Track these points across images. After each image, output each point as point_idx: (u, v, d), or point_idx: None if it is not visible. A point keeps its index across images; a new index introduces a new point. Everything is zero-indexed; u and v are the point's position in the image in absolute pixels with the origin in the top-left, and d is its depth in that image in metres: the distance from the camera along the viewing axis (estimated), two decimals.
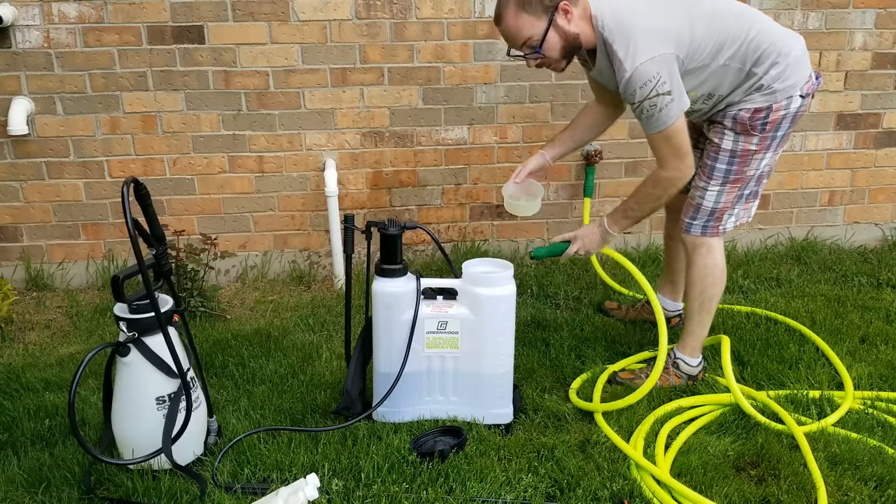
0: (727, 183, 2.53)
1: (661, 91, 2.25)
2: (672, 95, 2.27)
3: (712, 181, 2.53)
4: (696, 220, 2.59)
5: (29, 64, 3.47)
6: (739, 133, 2.47)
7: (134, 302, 2.13)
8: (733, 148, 2.49)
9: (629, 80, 2.26)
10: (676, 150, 2.34)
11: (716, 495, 2.12)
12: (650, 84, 2.25)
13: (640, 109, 2.30)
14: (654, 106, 2.27)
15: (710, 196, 2.55)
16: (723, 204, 2.55)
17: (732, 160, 2.50)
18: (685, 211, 2.62)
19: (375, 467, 2.21)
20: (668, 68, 2.27)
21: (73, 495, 2.14)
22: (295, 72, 3.62)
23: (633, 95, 2.28)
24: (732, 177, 2.52)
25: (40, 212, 3.69)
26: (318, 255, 3.91)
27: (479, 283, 2.38)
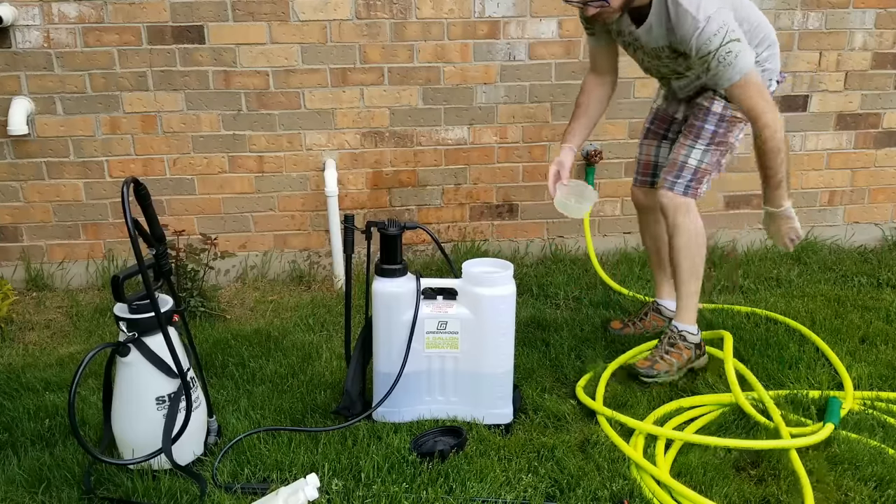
0: (712, 144, 2.65)
1: (732, 37, 2.32)
2: (742, 42, 2.34)
3: (699, 140, 2.65)
4: (679, 178, 2.66)
5: (29, 64, 3.47)
6: (729, 101, 2.58)
7: (134, 302, 2.13)
8: (722, 112, 2.63)
9: (703, 30, 2.32)
10: (761, 91, 2.40)
11: (716, 495, 2.12)
12: (722, 31, 2.31)
13: (717, 59, 2.34)
14: (731, 52, 2.32)
15: (696, 154, 2.65)
16: (706, 164, 2.65)
17: (721, 123, 2.64)
18: (668, 170, 2.70)
19: (375, 467, 2.21)
20: (731, 18, 2.36)
21: (73, 495, 2.14)
22: (295, 72, 3.62)
23: (709, 44, 2.32)
24: (718, 139, 2.65)
25: (40, 212, 3.69)
26: (318, 255, 3.91)
27: (479, 283, 2.38)
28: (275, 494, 2.05)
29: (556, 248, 4.04)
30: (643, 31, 2.50)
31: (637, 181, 3.02)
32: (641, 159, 3.00)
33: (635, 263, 3.86)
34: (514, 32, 3.69)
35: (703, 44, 2.35)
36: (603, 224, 4.06)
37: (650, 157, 2.96)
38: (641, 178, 3.00)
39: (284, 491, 2.05)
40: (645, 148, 2.98)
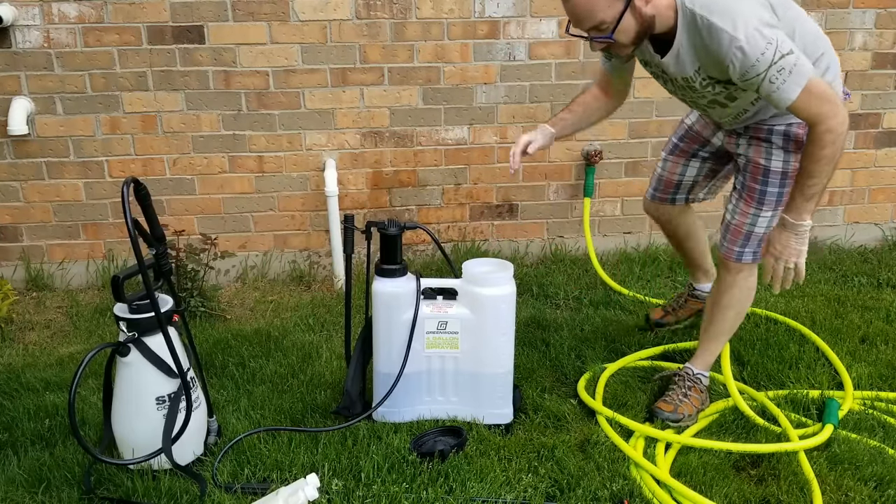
0: (779, 206, 2.31)
1: (783, 52, 1.97)
2: (795, 53, 1.99)
3: (764, 207, 2.34)
4: (747, 247, 2.41)
5: (29, 64, 3.47)
6: (791, 151, 2.26)
7: (134, 302, 2.13)
8: (784, 169, 2.28)
9: (745, 51, 1.96)
10: (825, 97, 2.02)
11: (716, 495, 2.12)
12: (770, 48, 1.96)
13: (768, 80, 1.99)
14: (783, 70, 1.97)
15: (762, 222, 2.36)
16: (772, 226, 2.32)
17: (784, 181, 2.29)
18: (731, 238, 2.43)
19: (375, 467, 2.21)
20: (778, 30, 2.02)
21: (73, 495, 2.14)
22: (295, 72, 3.62)
23: (756, 67, 1.97)
24: (785, 199, 2.26)
25: (40, 212, 3.69)
26: (318, 255, 3.91)
27: (479, 283, 2.38)
28: (275, 494, 2.05)
29: (556, 248, 4.04)
30: (670, 59, 2.16)
31: (654, 196, 2.78)
32: (663, 176, 2.73)
33: (635, 263, 3.86)
34: (514, 32, 3.69)
35: (747, 68, 1.98)
36: (603, 224, 4.06)
37: (674, 176, 2.70)
38: (660, 195, 2.76)
39: (284, 491, 2.05)
40: (669, 164, 2.70)
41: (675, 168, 2.69)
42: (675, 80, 2.24)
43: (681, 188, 2.72)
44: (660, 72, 2.28)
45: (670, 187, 2.73)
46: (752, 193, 2.35)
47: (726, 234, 2.44)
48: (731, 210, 2.43)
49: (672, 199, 2.75)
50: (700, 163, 2.65)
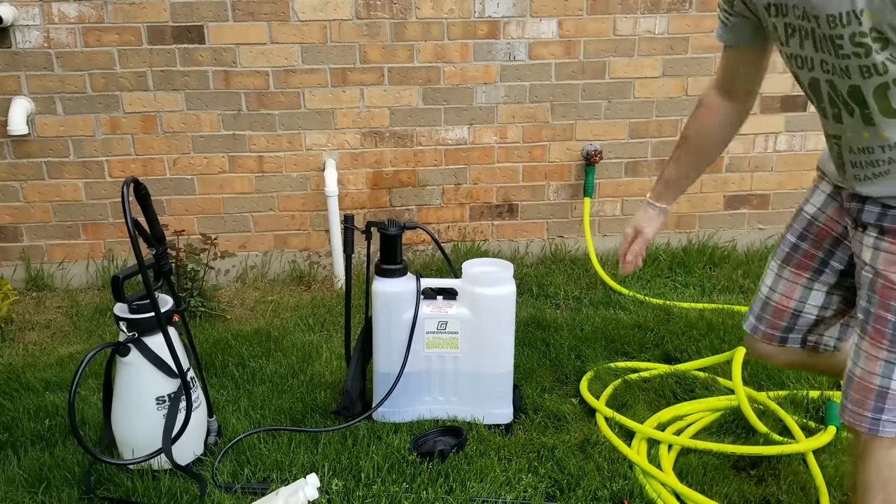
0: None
1: None
2: None
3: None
4: (884, 413, 1.53)
5: (29, 64, 3.47)
6: None
7: (134, 302, 2.13)
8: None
9: None
10: None
11: (716, 495, 2.12)
12: None
13: None
14: None
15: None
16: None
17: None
18: (854, 398, 1.57)
19: (375, 467, 2.21)
20: None
21: (73, 495, 2.14)
22: (295, 72, 3.62)
23: None
24: None
25: (40, 212, 3.69)
26: (318, 255, 3.91)
27: (479, 283, 2.38)
28: (275, 494, 2.05)
29: (556, 248, 4.04)
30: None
31: (756, 329, 1.85)
32: (772, 300, 1.79)
33: None
34: (514, 32, 3.69)
35: None
36: (603, 224, 4.06)
37: (788, 303, 1.75)
38: (767, 329, 1.82)
39: (284, 491, 2.05)
40: (783, 284, 1.77)
41: (791, 290, 1.74)
42: (816, 25, 1.37)
43: (799, 323, 1.76)
44: (795, 15, 1.41)
45: (782, 318, 1.78)
46: (882, 327, 1.50)
47: (849, 391, 1.59)
48: (853, 354, 1.57)
49: (783, 339, 1.81)
50: (831, 286, 1.70)
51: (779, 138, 3.97)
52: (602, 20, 3.70)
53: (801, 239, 1.73)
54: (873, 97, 1.36)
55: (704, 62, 3.81)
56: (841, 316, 1.74)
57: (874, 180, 1.46)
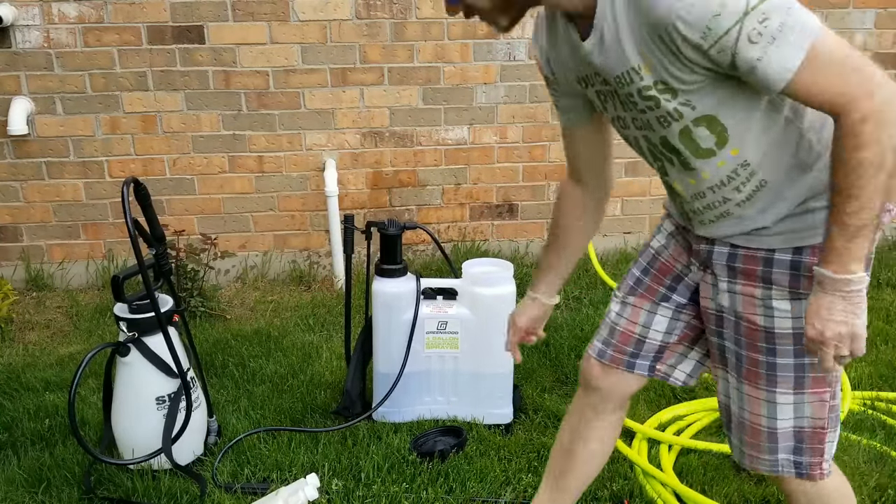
0: (805, 386, 1.42)
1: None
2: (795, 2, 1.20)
3: (780, 386, 1.44)
4: (772, 454, 1.49)
5: (29, 64, 3.47)
6: (802, 294, 1.37)
7: (134, 302, 2.13)
8: (797, 327, 1.38)
9: (694, 4, 1.18)
10: (849, 64, 1.20)
11: (716, 495, 2.12)
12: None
13: (746, 39, 1.18)
14: (769, 20, 1.17)
15: (784, 413, 1.45)
16: (812, 419, 1.44)
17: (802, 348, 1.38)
18: (750, 443, 1.52)
19: (375, 467, 2.21)
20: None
21: (73, 495, 2.14)
22: (295, 72, 3.62)
23: (720, 20, 1.17)
24: (810, 374, 1.41)
25: (40, 212, 3.69)
26: (318, 255, 3.91)
27: (479, 283, 2.38)
28: (274, 494, 2.05)
29: None
30: (593, 45, 1.35)
31: (599, 351, 1.73)
32: (618, 325, 1.70)
33: None
34: (514, 32, 3.68)
35: (706, 22, 1.18)
36: (603, 224, 4.04)
37: (633, 328, 1.68)
38: (613, 352, 1.70)
39: (284, 491, 2.05)
40: (629, 310, 1.69)
41: (636, 315, 1.68)
42: (614, 87, 1.39)
43: (645, 348, 1.68)
44: (592, 76, 1.43)
45: (627, 342, 1.69)
46: (755, 368, 1.45)
47: (742, 436, 1.53)
48: (734, 396, 1.52)
49: (630, 364, 1.69)
50: (672, 312, 1.64)
51: None
52: None
53: (644, 273, 1.69)
54: (681, 142, 1.37)
55: None
56: (682, 345, 1.67)
57: (717, 222, 1.45)
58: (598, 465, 1.82)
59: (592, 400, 1.75)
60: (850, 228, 1.23)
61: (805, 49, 1.18)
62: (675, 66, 1.26)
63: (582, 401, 1.78)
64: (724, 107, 1.30)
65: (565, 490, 1.82)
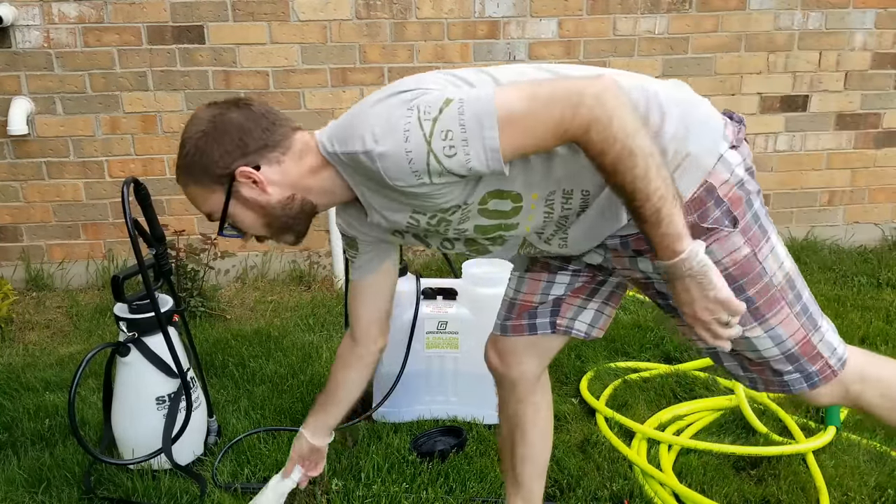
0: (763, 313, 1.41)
1: (432, 107, 1.23)
2: (456, 96, 1.23)
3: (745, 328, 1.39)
4: (787, 375, 1.48)
5: (29, 64, 3.47)
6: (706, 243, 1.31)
7: (134, 302, 2.13)
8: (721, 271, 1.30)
9: (386, 150, 1.23)
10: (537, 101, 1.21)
11: (716, 495, 2.12)
12: (409, 117, 1.23)
13: (445, 156, 1.22)
14: (449, 131, 1.21)
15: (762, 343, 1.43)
16: (792, 338, 1.43)
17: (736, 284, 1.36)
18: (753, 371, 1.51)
19: (375, 467, 2.21)
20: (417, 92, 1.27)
21: (73, 495, 2.14)
22: (295, 72, 3.62)
23: (414, 160, 1.23)
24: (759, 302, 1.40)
25: (40, 212, 3.69)
26: (318, 255, 3.91)
27: (480, 283, 2.38)
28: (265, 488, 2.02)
29: None
30: (374, 218, 1.45)
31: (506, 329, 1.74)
32: (517, 300, 1.71)
33: None
34: (514, 32, 3.69)
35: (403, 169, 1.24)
36: None
37: (533, 298, 1.68)
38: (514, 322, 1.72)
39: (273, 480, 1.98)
40: (526, 283, 1.69)
41: (534, 288, 1.68)
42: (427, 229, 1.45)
43: (541, 309, 1.68)
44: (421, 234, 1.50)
45: (527, 310, 1.69)
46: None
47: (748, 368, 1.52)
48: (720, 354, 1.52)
49: (532, 327, 1.69)
50: (570, 277, 1.64)
51: (779, 138, 3.98)
52: (602, 20, 3.70)
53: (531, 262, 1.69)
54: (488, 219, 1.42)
55: (704, 62, 3.82)
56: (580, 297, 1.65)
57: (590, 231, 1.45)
58: (544, 446, 1.86)
59: (507, 389, 1.80)
60: (651, 218, 1.23)
61: (494, 125, 1.19)
62: (429, 201, 1.32)
63: (501, 394, 1.83)
64: (500, 181, 1.33)
65: (523, 483, 1.86)
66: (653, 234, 1.24)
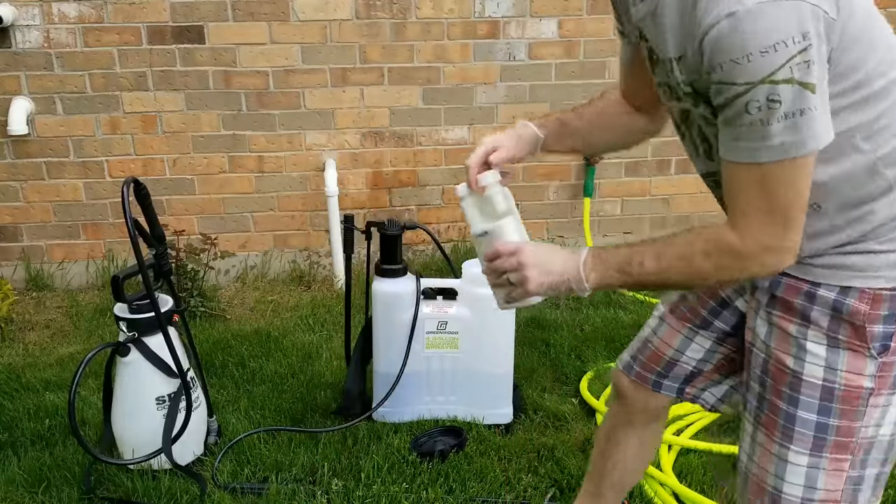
0: (824, 449, 1.24)
1: (801, 77, 1.01)
2: (817, 92, 1.03)
3: (795, 444, 1.25)
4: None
5: (29, 64, 3.47)
6: (843, 346, 1.20)
7: (134, 302, 2.13)
8: (829, 379, 1.21)
9: (735, 30, 1.01)
10: (781, 204, 1.10)
11: (716, 495, 2.12)
12: (784, 51, 1.00)
13: (747, 106, 1.04)
14: (777, 102, 1.02)
15: (796, 474, 1.26)
16: (825, 492, 1.25)
17: (830, 405, 1.22)
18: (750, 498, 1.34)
19: (375, 467, 2.21)
20: (815, 28, 1.02)
21: (73, 495, 2.14)
22: (295, 72, 3.62)
23: (742, 68, 1.02)
24: (832, 437, 1.23)
25: (40, 212, 3.69)
26: (318, 255, 3.91)
27: (480, 283, 2.37)
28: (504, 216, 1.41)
29: None
30: (644, 12, 1.19)
31: (631, 370, 1.65)
32: (651, 342, 1.61)
33: None
34: (514, 32, 3.69)
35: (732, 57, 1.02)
36: (603, 224, 4.06)
37: (665, 350, 1.58)
38: (639, 368, 1.63)
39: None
40: (665, 329, 1.59)
41: (671, 338, 1.58)
42: (655, 61, 1.23)
43: (674, 371, 1.58)
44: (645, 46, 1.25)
45: (657, 362, 1.60)
46: (774, 416, 1.27)
47: (745, 491, 1.36)
48: (746, 447, 1.35)
49: (656, 384, 1.61)
50: (713, 342, 1.52)
51: None
52: (602, 20, 3.70)
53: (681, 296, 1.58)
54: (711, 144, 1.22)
55: None
56: (719, 373, 1.56)
57: None
58: (633, 475, 1.78)
59: (623, 409, 1.70)
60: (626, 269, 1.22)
61: (776, 159, 1.06)
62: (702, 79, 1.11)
63: (614, 408, 1.73)
64: None
65: (601, 496, 1.78)
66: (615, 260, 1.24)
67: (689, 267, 1.18)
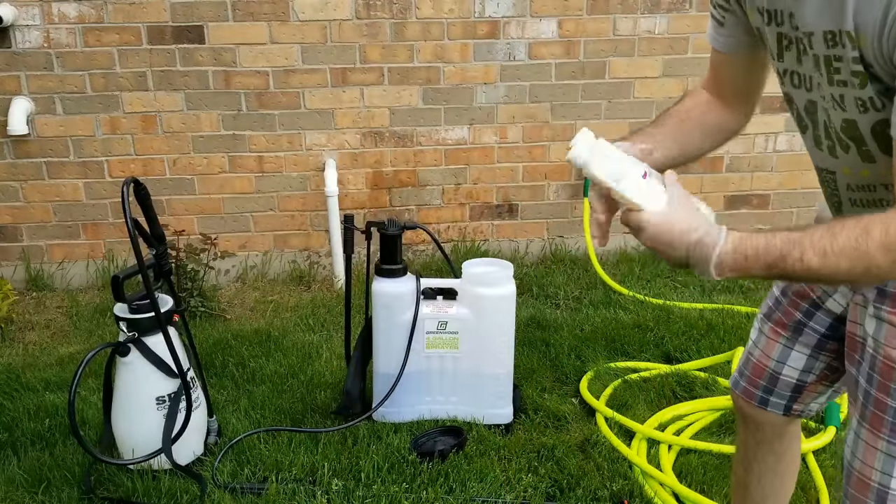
0: None
1: None
2: None
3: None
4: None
5: (29, 64, 3.47)
6: None
7: (134, 302, 2.13)
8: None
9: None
10: None
11: (716, 495, 2.12)
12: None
13: None
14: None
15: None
16: None
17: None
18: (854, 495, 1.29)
19: (375, 467, 2.21)
20: None
21: (73, 495, 2.14)
22: (295, 72, 3.62)
23: None
24: None
25: (40, 212, 3.69)
26: (318, 255, 3.91)
27: (479, 283, 2.38)
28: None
29: (556, 249, 4.04)
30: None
31: (738, 385, 1.63)
32: (753, 355, 1.59)
33: (635, 263, 3.86)
34: (514, 32, 3.69)
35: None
36: None
37: (768, 361, 1.55)
38: (747, 385, 1.60)
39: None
40: (763, 340, 1.57)
41: (770, 348, 1.55)
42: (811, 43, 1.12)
43: (779, 385, 1.55)
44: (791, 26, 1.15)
45: (761, 376, 1.57)
46: (881, 413, 1.24)
47: (847, 487, 1.32)
48: (850, 442, 1.30)
49: (763, 400, 1.58)
50: (812, 349, 1.49)
51: (779, 138, 3.97)
52: (602, 20, 3.70)
53: (783, 294, 1.53)
54: (871, 135, 1.14)
55: (704, 62, 3.79)
56: (822, 384, 1.53)
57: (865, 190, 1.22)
58: (780, 494, 1.72)
59: (749, 429, 1.65)
60: (775, 261, 1.13)
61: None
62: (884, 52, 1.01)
63: (741, 431, 1.68)
64: None
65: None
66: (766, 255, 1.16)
67: (864, 261, 1.04)
